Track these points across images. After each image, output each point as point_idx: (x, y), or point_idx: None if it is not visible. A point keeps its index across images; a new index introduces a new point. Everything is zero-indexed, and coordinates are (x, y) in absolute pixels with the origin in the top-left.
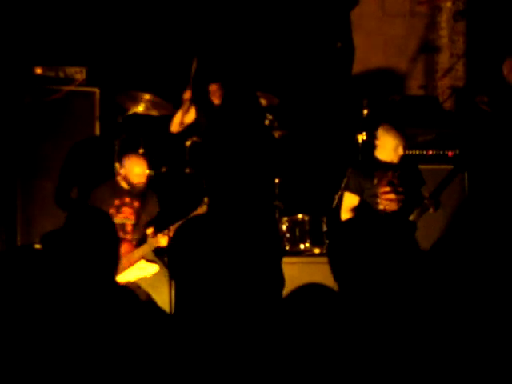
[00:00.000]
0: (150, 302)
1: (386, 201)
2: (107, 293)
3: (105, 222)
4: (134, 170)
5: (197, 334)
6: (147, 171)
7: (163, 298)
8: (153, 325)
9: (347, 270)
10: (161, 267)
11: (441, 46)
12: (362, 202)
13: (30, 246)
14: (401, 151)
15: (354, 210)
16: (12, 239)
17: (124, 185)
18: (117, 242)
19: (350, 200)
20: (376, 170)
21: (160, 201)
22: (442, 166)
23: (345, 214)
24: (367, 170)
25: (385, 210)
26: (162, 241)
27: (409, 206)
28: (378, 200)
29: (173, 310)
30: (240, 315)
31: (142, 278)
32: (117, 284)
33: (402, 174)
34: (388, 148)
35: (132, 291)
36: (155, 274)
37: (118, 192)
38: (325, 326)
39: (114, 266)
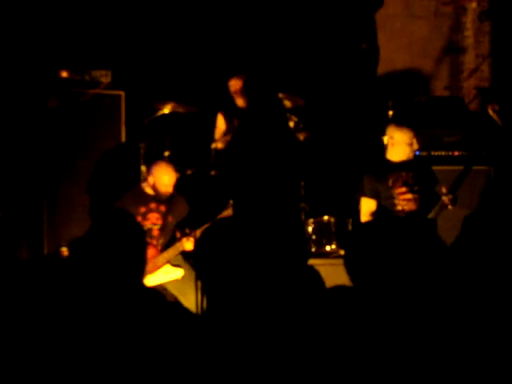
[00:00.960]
0: (177, 304)
1: (404, 201)
2: (136, 295)
3: (132, 225)
4: (164, 180)
5: (223, 335)
6: (175, 179)
7: (190, 301)
8: (180, 326)
9: (368, 273)
10: (187, 271)
11: (466, 47)
12: (379, 206)
13: (56, 252)
14: (416, 146)
15: (373, 214)
16: (39, 245)
17: (149, 191)
18: (144, 244)
19: (367, 205)
20: (389, 172)
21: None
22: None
23: (364, 220)
24: (380, 172)
25: (403, 210)
26: (188, 245)
27: (426, 204)
28: (396, 201)
29: (200, 314)
30: (267, 317)
31: (169, 282)
32: (145, 286)
33: (415, 173)
34: (403, 144)
35: (160, 293)
36: (182, 278)
37: (143, 199)
38: (350, 328)
39: (141, 269)
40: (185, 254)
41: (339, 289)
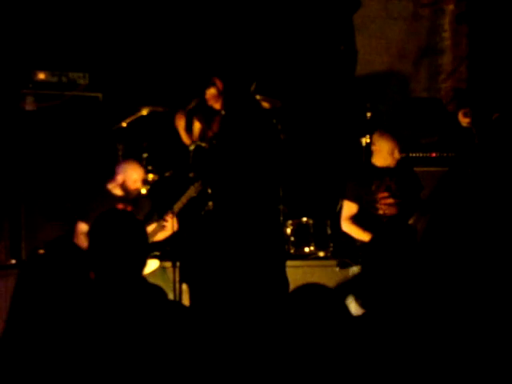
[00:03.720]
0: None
1: (385, 205)
2: (137, 290)
3: (133, 222)
4: (133, 176)
5: (205, 333)
6: (143, 176)
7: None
8: (180, 322)
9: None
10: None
11: (444, 49)
12: (361, 210)
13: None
14: (397, 155)
15: (353, 217)
16: (17, 247)
17: (117, 192)
18: (146, 239)
19: (348, 208)
20: (373, 177)
21: (164, 205)
22: (446, 169)
23: (344, 222)
24: (364, 177)
25: (384, 214)
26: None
27: (408, 210)
28: (378, 205)
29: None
30: (244, 316)
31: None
32: (146, 281)
33: (399, 178)
34: (384, 152)
35: (161, 289)
36: (154, 271)
37: (111, 200)
38: (323, 326)
39: (143, 263)
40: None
41: (310, 286)
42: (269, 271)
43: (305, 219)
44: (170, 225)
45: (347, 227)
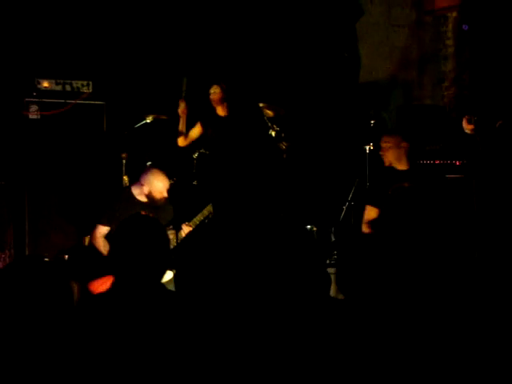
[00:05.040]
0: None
1: None
2: (156, 296)
3: (157, 228)
4: (159, 187)
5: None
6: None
7: None
8: (199, 325)
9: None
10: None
11: (447, 56)
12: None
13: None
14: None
15: (371, 222)
16: (21, 252)
17: (142, 199)
18: (168, 246)
19: (368, 213)
20: (392, 181)
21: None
22: (450, 176)
23: (364, 226)
24: (385, 181)
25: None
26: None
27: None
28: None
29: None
30: (250, 323)
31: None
32: (165, 288)
33: (416, 183)
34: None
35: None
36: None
37: (135, 205)
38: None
39: (164, 269)
40: None
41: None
42: (272, 278)
43: (309, 227)
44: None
45: (366, 231)
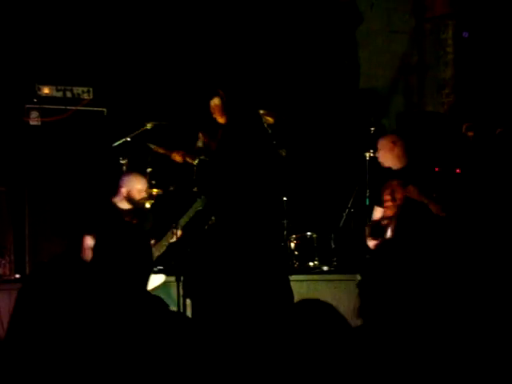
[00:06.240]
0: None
1: (386, 207)
2: (140, 301)
3: (139, 234)
4: (137, 186)
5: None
6: (147, 187)
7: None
8: (182, 332)
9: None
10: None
11: (447, 63)
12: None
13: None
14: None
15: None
16: (21, 261)
17: (123, 205)
18: (150, 252)
19: (375, 213)
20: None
21: (167, 219)
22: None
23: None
24: (384, 181)
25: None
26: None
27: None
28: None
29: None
30: (249, 332)
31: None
32: (149, 293)
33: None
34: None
35: (162, 300)
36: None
37: (116, 214)
38: (323, 340)
39: (147, 276)
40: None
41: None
42: (273, 285)
43: (309, 233)
44: (176, 238)
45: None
